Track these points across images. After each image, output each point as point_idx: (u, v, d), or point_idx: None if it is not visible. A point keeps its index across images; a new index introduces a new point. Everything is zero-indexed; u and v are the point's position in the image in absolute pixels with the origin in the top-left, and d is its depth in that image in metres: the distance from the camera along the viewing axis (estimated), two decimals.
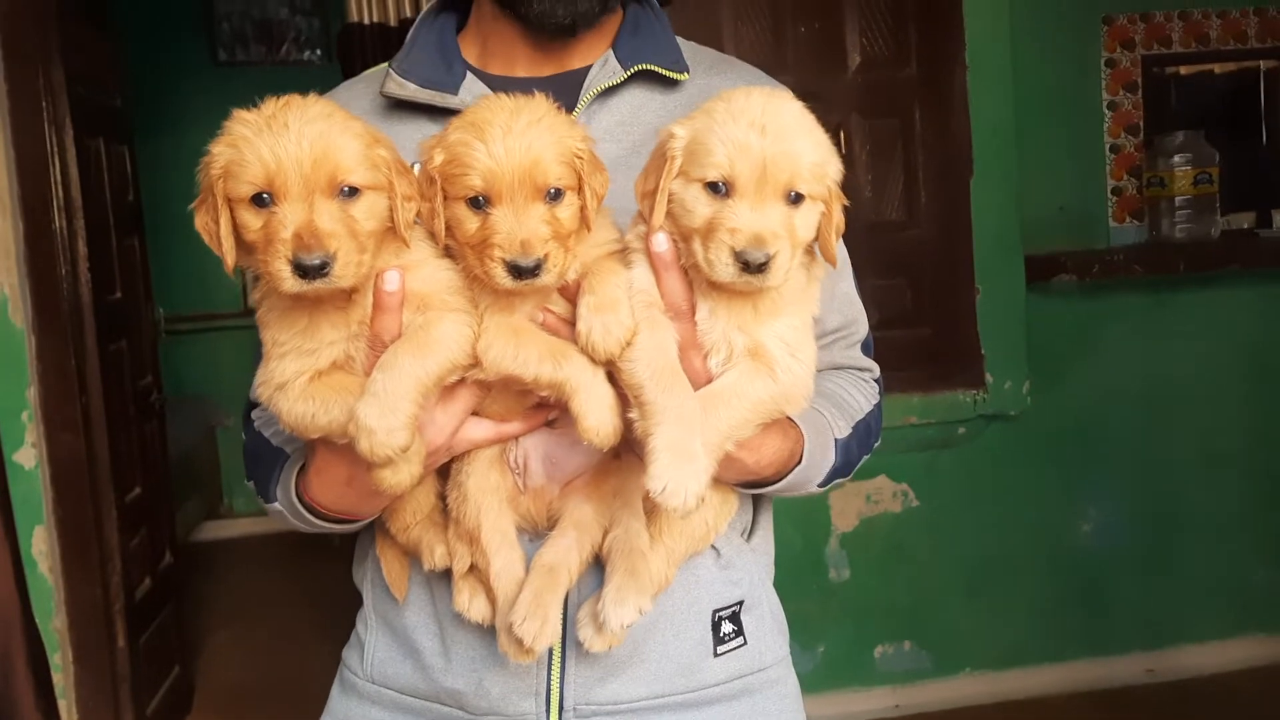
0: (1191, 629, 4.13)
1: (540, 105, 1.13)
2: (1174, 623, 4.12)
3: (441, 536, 1.27)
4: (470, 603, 1.28)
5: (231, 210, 1.06)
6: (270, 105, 1.06)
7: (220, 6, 6.99)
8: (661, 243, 1.14)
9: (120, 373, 3.94)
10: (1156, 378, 4.03)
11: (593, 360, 1.13)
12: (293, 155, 1.02)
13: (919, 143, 3.92)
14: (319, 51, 7.04)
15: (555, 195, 1.11)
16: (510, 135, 1.08)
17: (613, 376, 1.16)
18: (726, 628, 1.40)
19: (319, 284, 1.04)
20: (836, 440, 1.37)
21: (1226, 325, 4.06)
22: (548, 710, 1.34)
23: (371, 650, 1.45)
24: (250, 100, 1.07)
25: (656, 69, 1.41)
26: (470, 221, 1.10)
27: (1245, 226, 4.16)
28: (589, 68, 1.42)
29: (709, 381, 1.16)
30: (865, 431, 1.44)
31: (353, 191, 1.07)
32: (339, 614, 5.76)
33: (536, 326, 1.16)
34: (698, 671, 1.39)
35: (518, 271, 1.07)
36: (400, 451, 1.07)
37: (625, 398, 1.15)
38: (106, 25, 4.11)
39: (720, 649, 1.40)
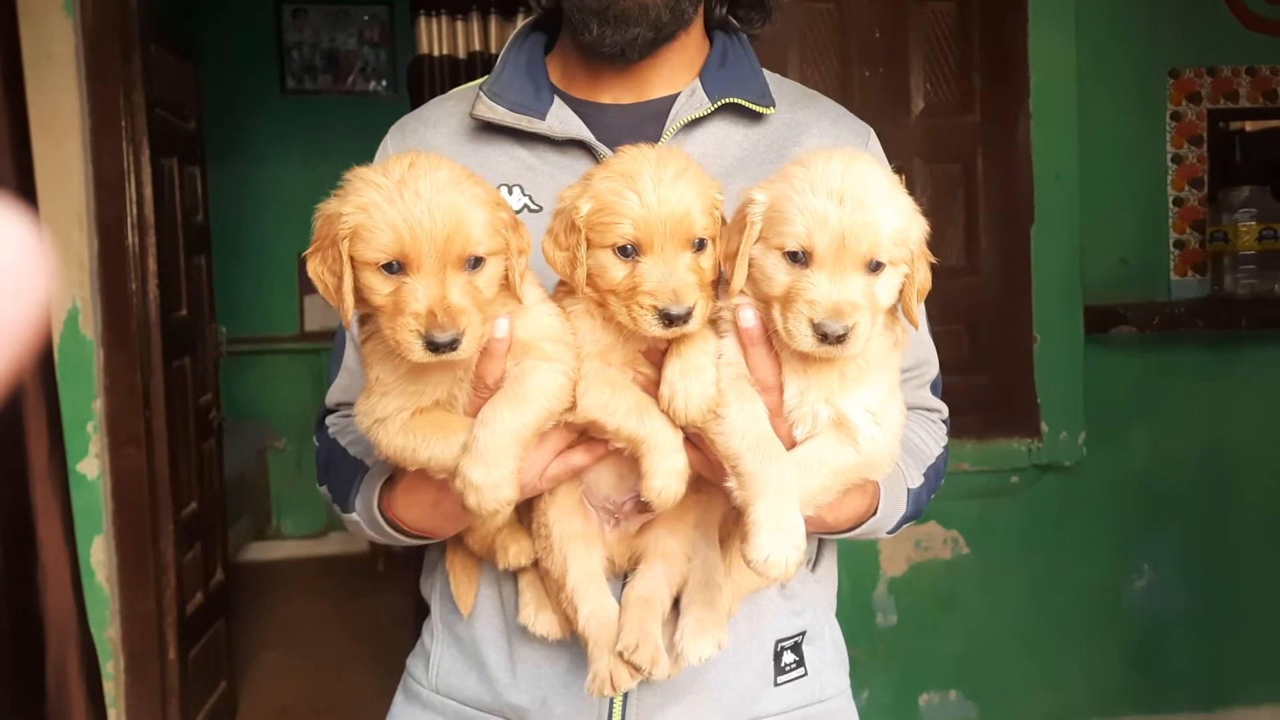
0: (1246, 691, 4.04)
1: (681, 156, 1.15)
2: (1228, 684, 4.03)
3: (515, 537, 1.28)
4: (536, 617, 1.29)
5: (355, 269, 1.06)
6: (397, 166, 1.06)
7: (290, 36, 7.15)
8: (748, 319, 1.13)
9: (183, 389, 4.01)
10: (1216, 434, 3.98)
11: (673, 424, 1.14)
12: (426, 229, 1.02)
13: (980, 189, 3.92)
14: (384, 82, 7.17)
15: (700, 245, 1.13)
16: (662, 185, 1.09)
17: (690, 442, 1.17)
18: (788, 658, 1.41)
19: (445, 357, 1.05)
20: (909, 490, 1.38)
21: None
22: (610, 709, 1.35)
23: (437, 660, 1.46)
24: (315, 129, 1.07)
25: (743, 102, 1.41)
26: (617, 269, 1.11)
27: None
28: (673, 96, 1.44)
29: (792, 449, 1.16)
30: (934, 475, 1.45)
31: (477, 261, 1.07)
32: (381, 639, 5.82)
33: (631, 381, 1.17)
34: (757, 701, 1.39)
35: (669, 319, 1.08)
36: (506, 504, 1.09)
37: (713, 465, 1.16)
38: (186, 49, 4.22)
39: (780, 679, 1.40)
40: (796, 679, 1.41)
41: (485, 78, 1.49)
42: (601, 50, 1.38)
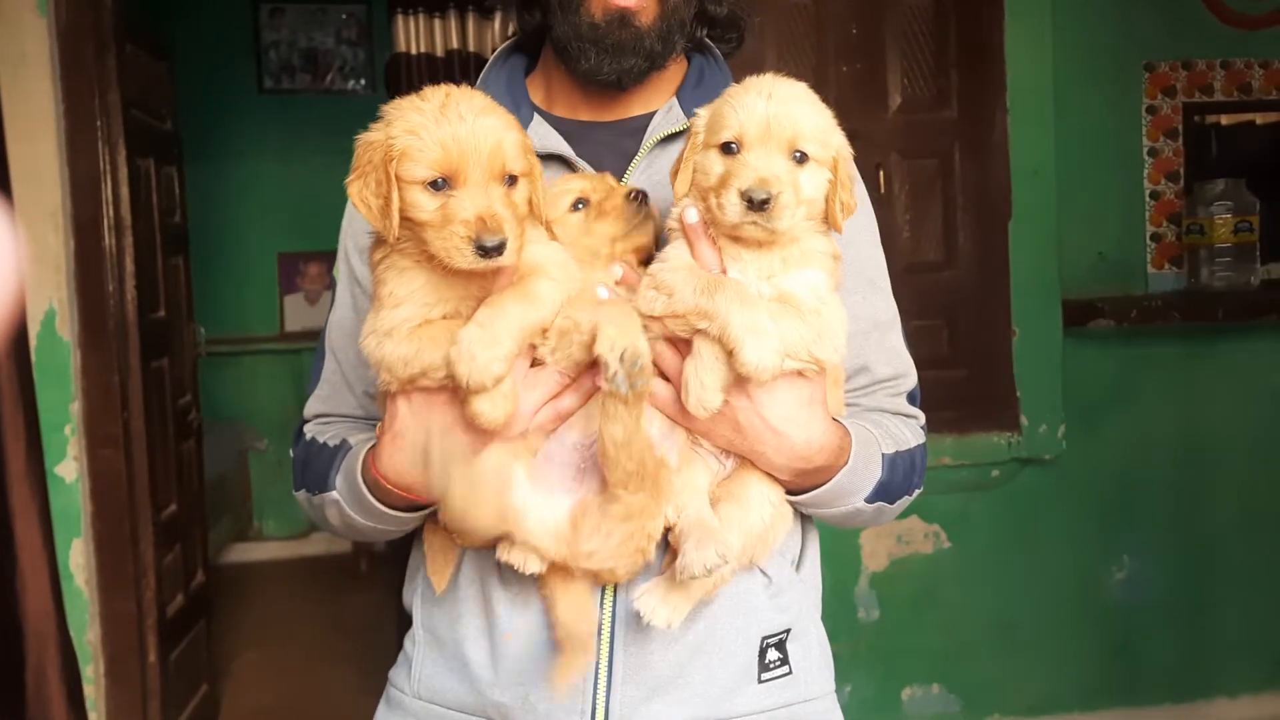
0: (1224, 681, 4.08)
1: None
2: (1206, 675, 4.07)
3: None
4: (510, 550, 1.27)
5: (400, 189, 1.15)
6: (435, 95, 1.16)
7: (267, 35, 7.11)
8: (692, 215, 1.26)
9: (161, 391, 3.99)
10: (1193, 426, 4.00)
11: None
12: (472, 145, 1.13)
13: (958, 184, 3.94)
14: (363, 81, 7.14)
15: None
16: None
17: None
18: (772, 655, 1.41)
19: (491, 262, 1.13)
20: (884, 455, 1.39)
21: (1265, 376, 4.03)
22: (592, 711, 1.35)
23: (419, 667, 1.46)
24: (292, 128, 1.12)
25: None
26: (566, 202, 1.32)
27: None
28: (651, 114, 1.49)
29: None
30: (909, 465, 1.45)
31: (512, 179, 1.18)
32: (364, 639, 5.80)
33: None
34: (741, 697, 1.39)
35: (637, 198, 1.32)
36: (494, 381, 1.15)
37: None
38: (161, 49, 4.19)
39: (765, 675, 1.40)
40: (781, 677, 1.41)
41: None
42: (598, 79, 1.43)
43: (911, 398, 1.54)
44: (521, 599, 1.35)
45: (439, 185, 1.14)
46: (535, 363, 1.25)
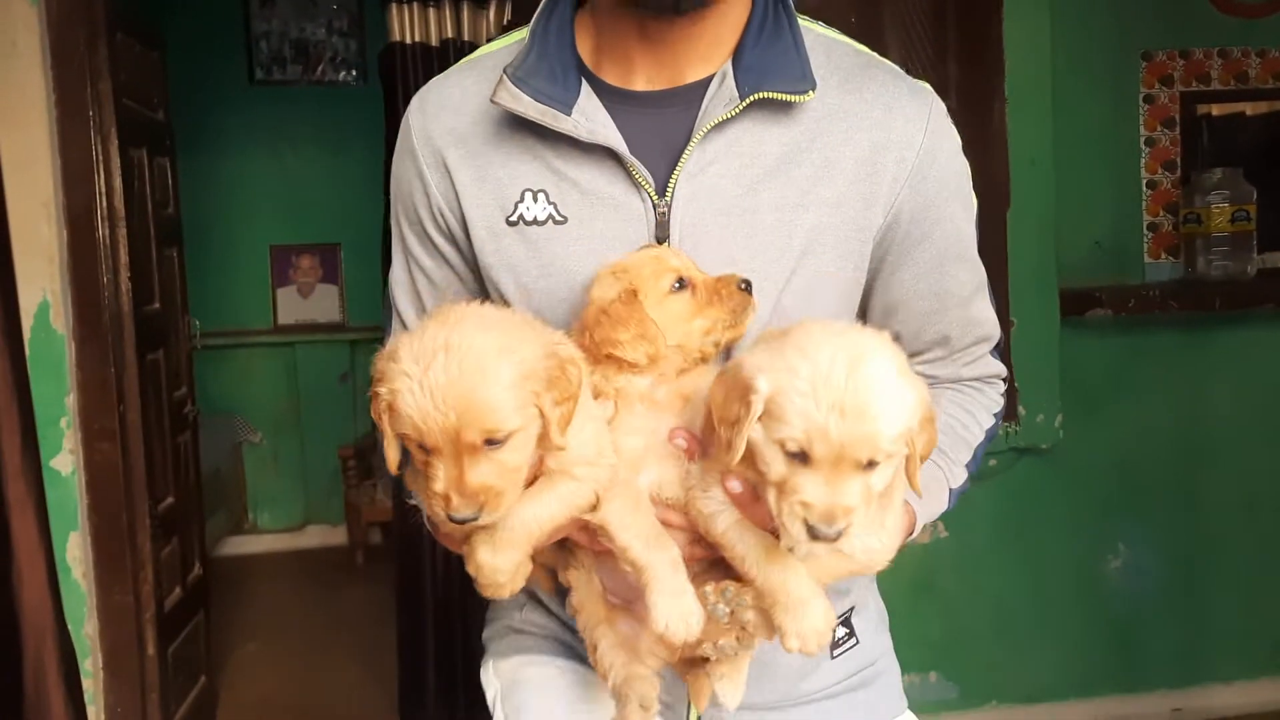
0: (1220, 668, 4.10)
1: None
2: (1202, 662, 4.08)
3: (562, 560, 1.35)
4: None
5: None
6: (432, 343, 1.08)
7: (258, 26, 7.06)
8: (736, 486, 1.15)
9: (157, 383, 3.97)
10: (1190, 415, 4.01)
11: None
12: (439, 424, 1.07)
13: None
14: (354, 72, 7.10)
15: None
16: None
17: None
18: (840, 632, 1.46)
19: (469, 527, 1.12)
20: (951, 490, 1.39)
21: (1261, 364, 4.04)
22: (687, 712, 1.40)
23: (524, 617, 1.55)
24: (284, 120, 1.05)
25: (775, 96, 1.28)
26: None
27: None
28: (705, 82, 1.31)
29: None
30: (981, 450, 1.47)
31: (503, 438, 1.11)
32: (361, 631, 5.77)
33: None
34: (817, 675, 1.45)
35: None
36: (502, 590, 1.18)
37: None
38: (153, 38, 4.16)
39: (836, 652, 1.46)
40: (850, 649, 1.47)
41: (513, 41, 1.38)
42: (652, 3, 1.25)
43: (995, 351, 1.52)
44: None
45: (423, 447, 1.11)
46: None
